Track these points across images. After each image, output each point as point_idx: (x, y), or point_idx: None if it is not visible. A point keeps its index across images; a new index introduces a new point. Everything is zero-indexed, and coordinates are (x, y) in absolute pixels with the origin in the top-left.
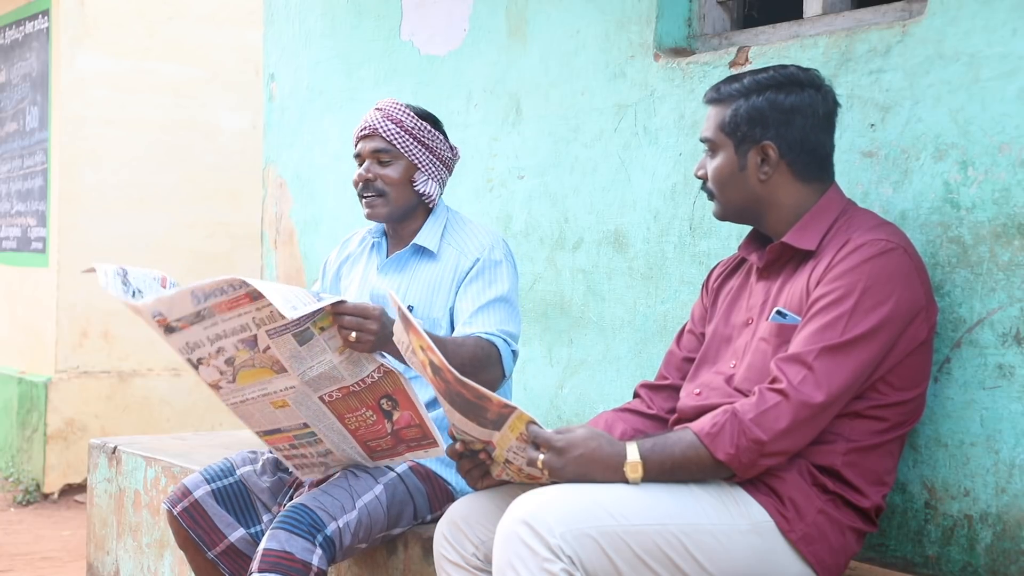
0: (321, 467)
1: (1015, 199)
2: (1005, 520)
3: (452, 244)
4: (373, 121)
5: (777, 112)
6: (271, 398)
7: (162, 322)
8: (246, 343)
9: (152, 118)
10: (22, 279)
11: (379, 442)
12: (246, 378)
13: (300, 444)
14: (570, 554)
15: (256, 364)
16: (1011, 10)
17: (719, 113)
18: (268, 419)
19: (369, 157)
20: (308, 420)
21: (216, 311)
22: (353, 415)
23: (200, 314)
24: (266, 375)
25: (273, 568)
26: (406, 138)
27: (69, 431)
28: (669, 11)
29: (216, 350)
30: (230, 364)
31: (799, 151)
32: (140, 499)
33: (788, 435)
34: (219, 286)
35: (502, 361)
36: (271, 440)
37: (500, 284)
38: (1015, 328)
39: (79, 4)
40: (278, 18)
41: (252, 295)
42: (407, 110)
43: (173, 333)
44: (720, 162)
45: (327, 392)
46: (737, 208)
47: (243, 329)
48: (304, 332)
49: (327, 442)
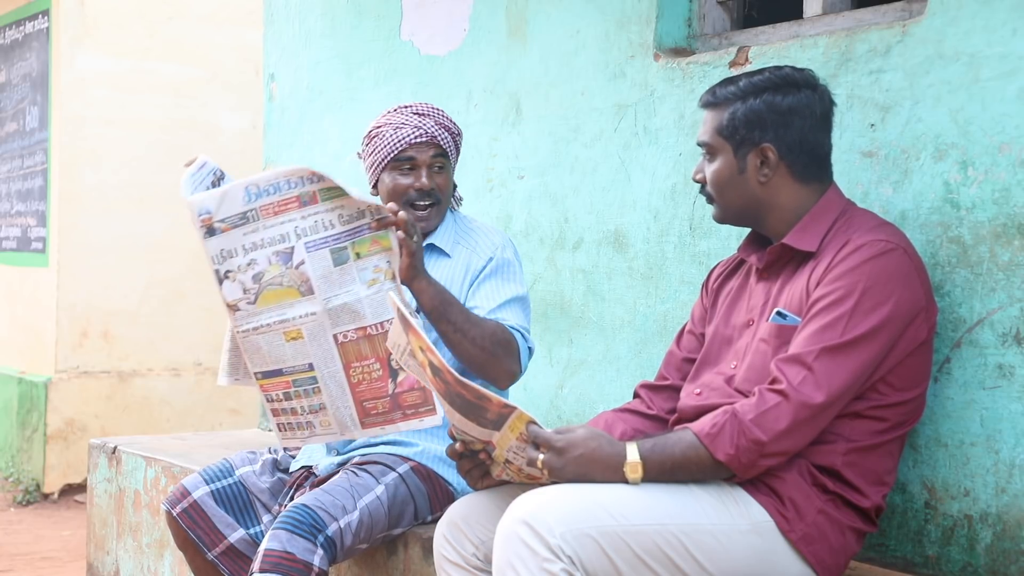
0: (306, 430)
1: (1015, 199)
2: (1005, 520)
3: (463, 243)
4: (427, 128)
5: (775, 114)
6: (287, 326)
7: (207, 222)
8: (281, 256)
9: (152, 118)
10: (22, 279)
11: (376, 403)
12: (268, 299)
13: (295, 394)
14: (570, 554)
15: (284, 283)
16: (1011, 10)
17: (716, 117)
18: (274, 355)
19: (427, 165)
20: (315, 360)
21: (262, 214)
22: (360, 364)
23: (245, 215)
24: (291, 296)
25: (274, 568)
26: (454, 146)
27: (69, 431)
28: (669, 11)
29: (248, 262)
30: (257, 280)
31: (798, 152)
32: (140, 499)
33: (788, 435)
34: (274, 179)
35: (520, 355)
36: (267, 385)
37: (515, 284)
38: (1015, 328)
39: (79, 4)
40: (278, 18)
41: (302, 199)
42: (448, 116)
43: (213, 236)
44: (719, 166)
45: (344, 331)
46: (737, 211)
47: (282, 239)
48: (342, 252)
49: (324, 393)
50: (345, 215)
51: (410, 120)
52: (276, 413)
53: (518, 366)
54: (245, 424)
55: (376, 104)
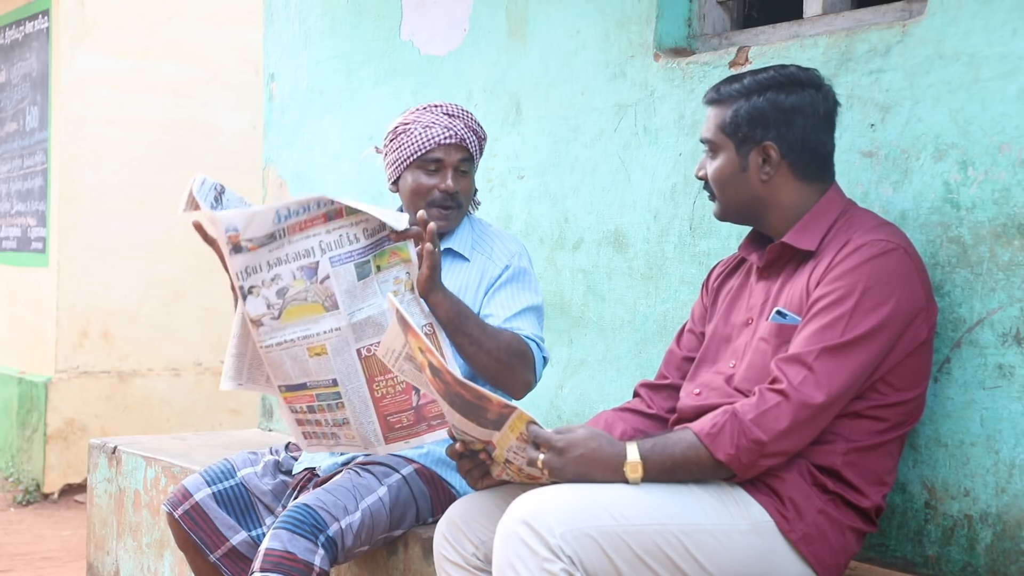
0: (331, 440)
1: (1015, 199)
2: (1005, 520)
3: (480, 249)
4: (457, 130)
5: (778, 112)
6: (311, 341)
7: (233, 239)
8: (305, 271)
9: (152, 118)
10: (22, 279)
11: (400, 417)
12: (292, 314)
13: (319, 408)
14: (570, 554)
15: (309, 298)
16: (1011, 10)
17: (719, 114)
18: (298, 370)
19: (453, 167)
20: (339, 376)
21: (288, 232)
22: (384, 378)
23: (273, 235)
24: (315, 312)
25: (275, 568)
26: (479, 151)
27: (69, 431)
28: (669, 11)
29: (272, 277)
30: (281, 296)
31: (800, 151)
32: (140, 499)
33: (788, 435)
34: (304, 204)
35: (535, 365)
36: (291, 398)
37: (530, 293)
38: (1015, 328)
39: (79, 4)
40: (278, 18)
41: (328, 215)
42: (476, 118)
43: (239, 254)
44: (721, 163)
45: (368, 344)
46: (738, 208)
47: (307, 254)
48: (364, 265)
49: (348, 409)
50: (369, 228)
51: (440, 120)
52: (301, 423)
53: (533, 376)
54: (245, 424)
55: (376, 104)
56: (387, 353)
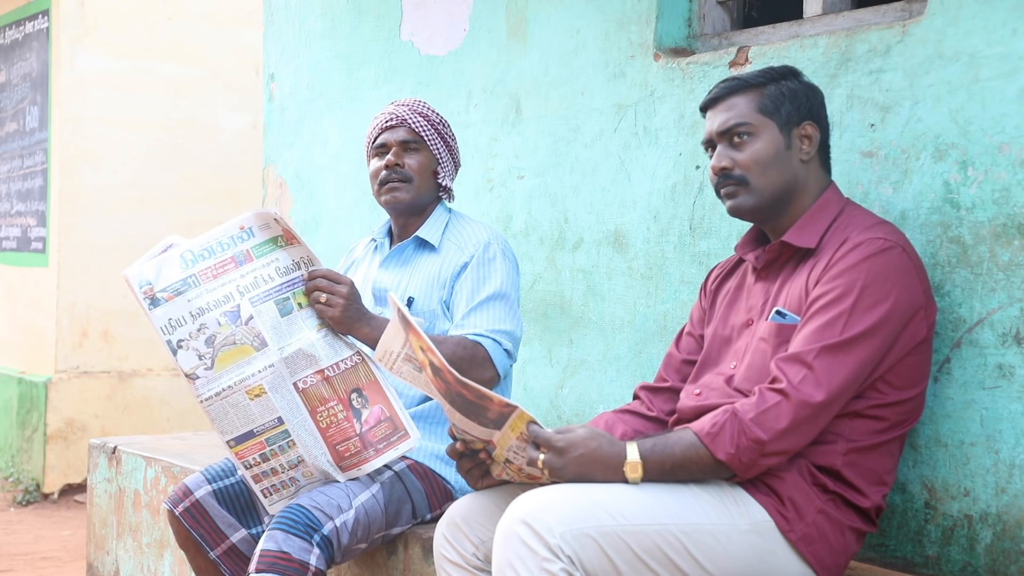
0: (291, 487)
1: (1015, 199)
2: (1005, 520)
3: (451, 239)
4: (400, 113)
5: (811, 93)
6: (248, 384)
7: (148, 293)
8: (229, 315)
9: (152, 118)
10: (22, 279)
11: (347, 445)
12: (225, 360)
13: (271, 452)
14: (570, 554)
15: (238, 340)
16: (1011, 10)
17: (750, 98)
18: (241, 419)
19: (396, 146)
20: (283, 413)
21: (202, 279)
22: (324, 407)
23: (186, 281)
24: (246, 353)
25: (270, 568)
26: (432, 132)
27: (69, 431)
28: (669, 11)
29: (198, 328)
30: (210, 344)
31: (825, 136)
32: (140, 499)
33: (788, 435)
34: (211, 240)
35: (492, 361)
36: (242, 451)
37: (493, 281)
38: (1015, 328)
39: (79, 4)
40: (278, 18)
41: (237, 259)
42: (431, 107)
43: (158, 307)
44: (763, 144)
45: (303, 377)
46: (772, 194)
47: (227, 300)
48: (285, 303)
49: (299, 445)
50: (281, 267)
51: (388, 110)
52: (257, 479)
53: (492, 371)
54: None
55: (376, 104)
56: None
